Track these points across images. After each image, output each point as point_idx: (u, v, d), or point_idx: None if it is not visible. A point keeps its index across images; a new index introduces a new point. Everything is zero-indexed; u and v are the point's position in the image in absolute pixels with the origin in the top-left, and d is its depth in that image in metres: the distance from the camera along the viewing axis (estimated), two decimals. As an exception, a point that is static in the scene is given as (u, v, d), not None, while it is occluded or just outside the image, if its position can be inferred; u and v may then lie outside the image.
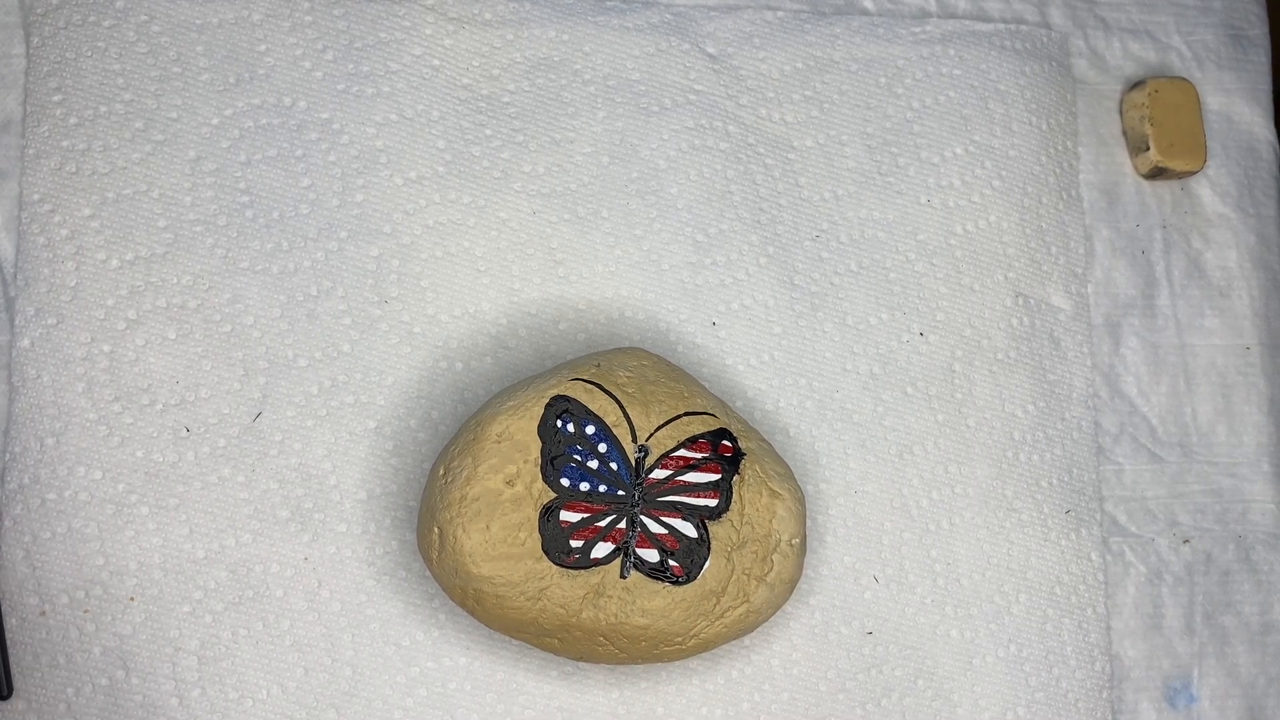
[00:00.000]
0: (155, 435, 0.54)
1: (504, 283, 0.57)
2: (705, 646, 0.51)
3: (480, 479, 0.49)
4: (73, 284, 0.54)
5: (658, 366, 0.52)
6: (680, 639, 0.50)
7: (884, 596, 0.57)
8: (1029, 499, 0.59)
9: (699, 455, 0.50)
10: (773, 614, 0.52)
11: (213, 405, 0.54)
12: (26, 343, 0.54)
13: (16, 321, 0.54)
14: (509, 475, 0.49)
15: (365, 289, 0.56)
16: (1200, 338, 0.63)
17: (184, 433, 0.54)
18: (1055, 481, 0.60)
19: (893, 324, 0.60)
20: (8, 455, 0.53)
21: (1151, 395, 0.63)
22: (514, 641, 0.54)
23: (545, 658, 0.54)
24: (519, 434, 0.49)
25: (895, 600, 0.57)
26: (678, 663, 0.55)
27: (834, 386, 0.59)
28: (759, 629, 0.55)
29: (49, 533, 0.53)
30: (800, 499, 0.52)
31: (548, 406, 0.50)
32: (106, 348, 0.54)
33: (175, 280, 0.55)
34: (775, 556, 0.50)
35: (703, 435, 0.51)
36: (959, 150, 0.62)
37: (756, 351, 0.59)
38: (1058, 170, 0.63)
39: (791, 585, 0.52)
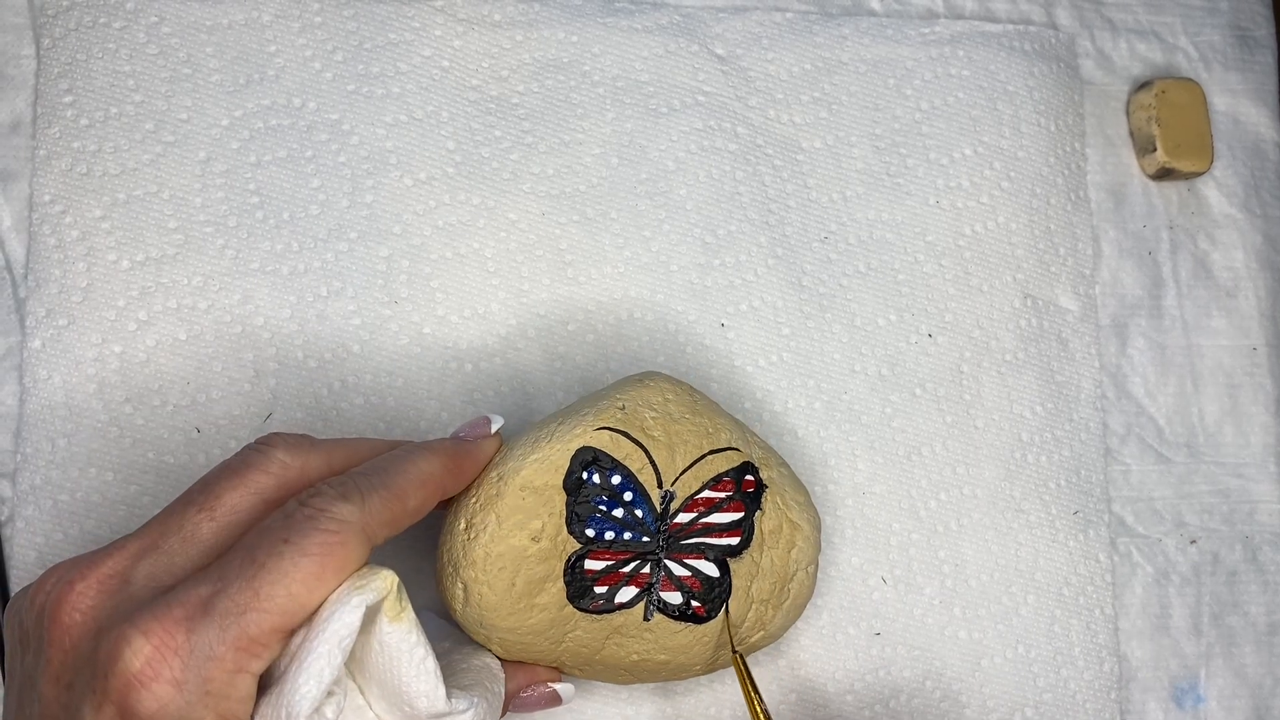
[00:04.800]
0: (166, 437, 0.54)
1: (513, 284, 0.58)
2: (723, 666, 0.51)
3: (505, 537, 0.47)
4: (84, 285, 0.54)
5: (680, 400, 0.51)
6: (700, 667, 0.50)
7: (892, 597, 0.58)
8: (1037, 500, 0.60)
9: (723, 495, 0.50)
10: (784, 633, 0.52)
11: (223, 406, 0.54)
12: (38, 344, 0.54)
13: (27, 323, 0.54)
14: (534, 532, 0.47)
15: (375, 290, 0.56)
16: (1207, 338, 0.64)
17: (195, 434, 0.54)
18: (1063, 482, 0.60)
19: (901, 325, 0.60)
20: (19, 456, 0.53)
21: (1158, 396, 0.63)
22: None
23: (555, 658, 0.55)
24: (544, 488, 0.48)
25: (903, 601, 0.58)
26: (687, 663, 0.55)
27: (842, 388, 0.59)
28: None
29: (61, 534, 0.53)
30: (817, 525, 0.51)
31: (573, 458, 0.48)
32: (117, 349, 0.54)
33: (186, 281, 0.55)
34: (792, 585, 0.50)
35: (727, 473, 0.50)
36: (967, 151, 0.62)
37: (765, 353, 0.59)
38: (1065, 171, 0.63)
39: (805, 605, 0.52)
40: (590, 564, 0.48)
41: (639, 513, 0.49)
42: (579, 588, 0.48)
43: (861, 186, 0.61)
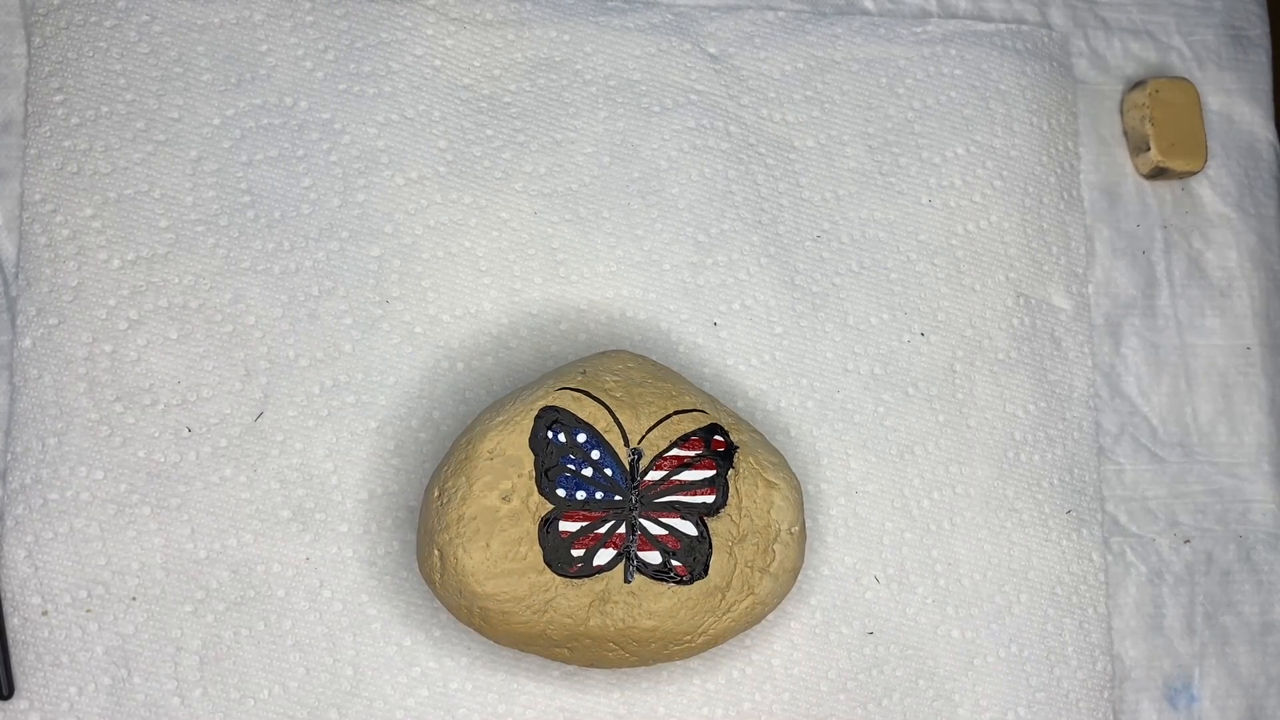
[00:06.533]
0: (157, 435, 0.54)
1: (505, 283, 0.58)
2: (715, 642, 0.51)
3: (476, 497, 0.48)
4: (74, 284, 0.54)
5: (643, 367, 0.52)
6: (689, 637, 0.50)
7: (885, 596, 0.57)
8: (1030, 499, 0.59)
9: (692, 453, 0.50)
10: (778, 604, 0.52)
11: (214, 405, 0.54)
12: (28, 343, 0.54)
13: (18, 321, 0.54)
14: (504, 491, 0.48)
15: (367, 289, 0.56)
16: (1201, 337, 0.64)
17: (185, 433, 0.54)
18: (1056, 482, 0.60)
19: (894, 324, 0.60)
20: (10, 455, 0.53)
21: (1152, 395, 0.63)
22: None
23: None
24: (510, 449, 0.49)
25: (896, 600, 0.57)
26: (679, 663, 0.55)
27: (835, 387, 0.59)
28: (761, 629, 0.56)
29: (51, 532, 0.53)
30: (796, 487, 0.52)
31: (537, 418, 0.49)
32: (108, 348, 0.54)
33: (177, 280, 0.55)
34: (776, 546, 0.51)
35: (694, 433, 0.51)
36: (960, 150, 0.62)
37: (758, 352, 0.59)
38: (1059, 170, 0.63)
39: (795, 574, 0.52)
40: (565, 525, 0.48)
41: (609, 471, 0.49)
42: (555, 550, 0.48)
43: (854, 185, 0.61)
